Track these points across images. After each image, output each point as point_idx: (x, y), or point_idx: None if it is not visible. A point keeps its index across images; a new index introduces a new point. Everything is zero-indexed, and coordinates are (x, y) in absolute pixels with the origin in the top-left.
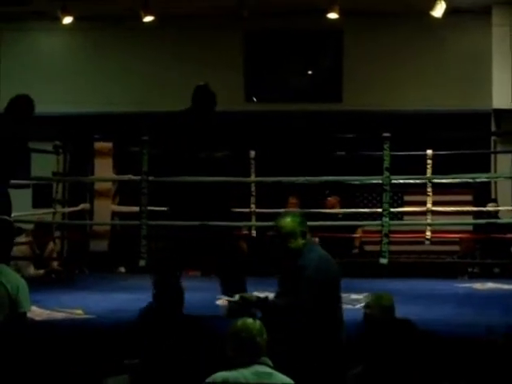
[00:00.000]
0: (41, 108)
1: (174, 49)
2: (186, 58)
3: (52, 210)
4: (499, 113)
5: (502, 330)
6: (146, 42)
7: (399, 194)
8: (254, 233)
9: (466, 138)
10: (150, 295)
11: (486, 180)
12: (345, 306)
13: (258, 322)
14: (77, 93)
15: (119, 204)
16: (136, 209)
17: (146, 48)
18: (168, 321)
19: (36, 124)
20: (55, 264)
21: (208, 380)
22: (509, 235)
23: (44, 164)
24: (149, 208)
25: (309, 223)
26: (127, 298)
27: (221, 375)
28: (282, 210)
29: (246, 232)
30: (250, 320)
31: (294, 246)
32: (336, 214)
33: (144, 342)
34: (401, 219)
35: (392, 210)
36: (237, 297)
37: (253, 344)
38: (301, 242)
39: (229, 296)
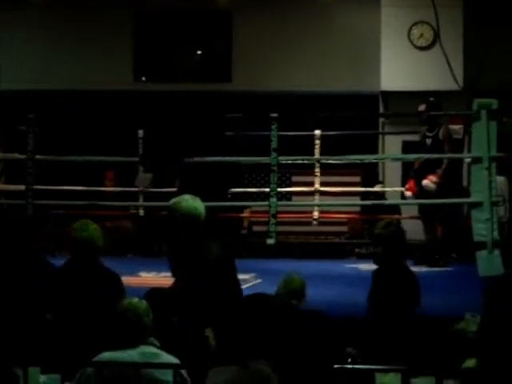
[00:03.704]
0: None
1: (63, 28)
2: (74, 36)
3: None
4: (387, 94)
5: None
6: (34, 20)
7: (287, 175)
8: (141, 212)
9: (355, 118)
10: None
11: (373, 161)
12: None
13: (144, 302)
14: None
15: (5, 183)
16: (22, 187)
17: (35, 26)
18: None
19: None
20: None
21: (94, 360)
22: (396, 216)
23: None
24: (35, 187)
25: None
26: None
27: (107, 355)
28: (171, 190)
29: (133, 211)
30: (135, 300)
31: None
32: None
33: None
34: (289, 200)
35: (280, 190)
36: None
37: (139, 324)
38: None
39: None
